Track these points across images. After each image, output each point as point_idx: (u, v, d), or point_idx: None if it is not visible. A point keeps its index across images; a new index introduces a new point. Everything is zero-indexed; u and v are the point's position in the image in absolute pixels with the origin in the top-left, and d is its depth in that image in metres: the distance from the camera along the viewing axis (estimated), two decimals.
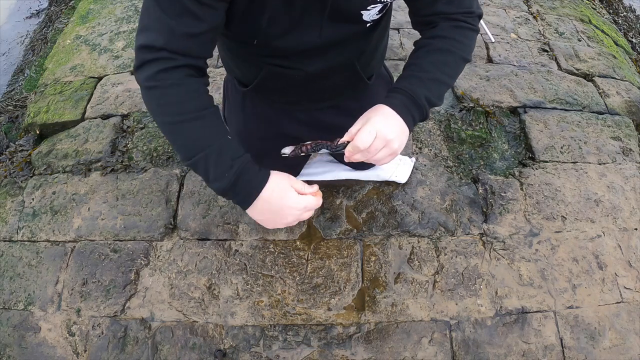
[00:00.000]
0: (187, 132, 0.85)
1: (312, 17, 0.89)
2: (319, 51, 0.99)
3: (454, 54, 0.96)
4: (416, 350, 1.33)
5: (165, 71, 0.81)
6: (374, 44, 1.10)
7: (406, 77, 0.96)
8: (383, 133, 0.89)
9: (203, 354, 1.33)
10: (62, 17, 2.64)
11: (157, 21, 0.80)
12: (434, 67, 0.95)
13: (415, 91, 0.92)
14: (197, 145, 0.84)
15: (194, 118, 0.84)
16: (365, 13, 0.91)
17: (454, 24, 0.96)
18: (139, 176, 1.68)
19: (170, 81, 0.82)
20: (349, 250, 1.49)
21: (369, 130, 0.88)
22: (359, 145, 0.89)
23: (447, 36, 0.96)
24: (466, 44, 0.98)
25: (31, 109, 1.98)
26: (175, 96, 0.83)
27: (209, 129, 0.86)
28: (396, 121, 0.91)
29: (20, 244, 1.55)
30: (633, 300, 1.43)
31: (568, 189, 1.65)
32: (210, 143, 0.84)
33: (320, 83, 1.11)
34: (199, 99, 0.86)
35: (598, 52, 2.25)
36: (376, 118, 0.90)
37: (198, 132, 0.85)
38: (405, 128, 0.92)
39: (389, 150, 0.91)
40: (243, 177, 0.84)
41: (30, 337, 1.37)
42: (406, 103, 0.92)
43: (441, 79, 0.96)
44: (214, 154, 0.84)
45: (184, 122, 0.84)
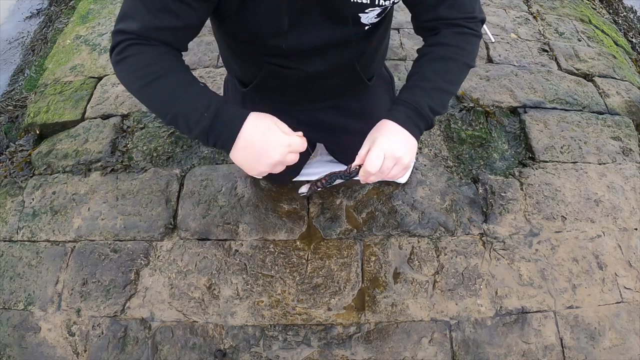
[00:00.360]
0: (160, 88, 0.83)
1: (310, 18, 0.90)
2: (318, 52, 0.99)
3: (457, 61, 0.96)
4: (416, 350, 1.33)
5: (135, 45, 0.83)
6: (374, 45, 1.10)
7: (409, 88, 0.96)
8: (391, 152, 0.89)
9: (203, 354, 1.33)
10: (62, 17, 2.64)
11: (136, 11, 0.82)
12: (437, 75, 0.95)
13: (418, 102, 0.93)
14: (172, 98, 0.83)
15: (165, 74, 0.83)
16: (363, 16, 0.91)
17: (456, 30, 0.96)
18: (139, 176, 1.68)
19: (136, 51, 0.83)
20: (349, 250, 1.49)
21: (376, 154, 0.89)
22: (370, 170, 0.90)
23: (450, 43, 0.96)
24: (469, 50, 0.98)
25: (31, 109, 1.98)
26: (143, 60, 0.83)
27: (181, 81, 0.84)
28: (402, 136, 0.92)
29: (20, 244, 1.55)
30: (633, 300, 1.43)
31: (568, 189, 1.65)
32: (184, 93, 0.83)
33: (320, 83, 1.11)
34: (168, 59, 0.84)
35: (598, 52, 2.25)
36: (381, 138, 0.90)
37: (170, 86, 0.83)
38: (412, 140, 0.93)
39: (400, 167, 0.92)
40: (221, 116, 0.82)
41: (30, 337, 1.37)
42: (410, 115, 0.93)
43: (444, 87, 0.96)
44: (189, 100, 0.82)
45: (155, 79, 0.83)
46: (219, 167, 1.69)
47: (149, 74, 0.82)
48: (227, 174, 1.67)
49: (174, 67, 0.84)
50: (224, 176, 1.66)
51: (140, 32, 0.82)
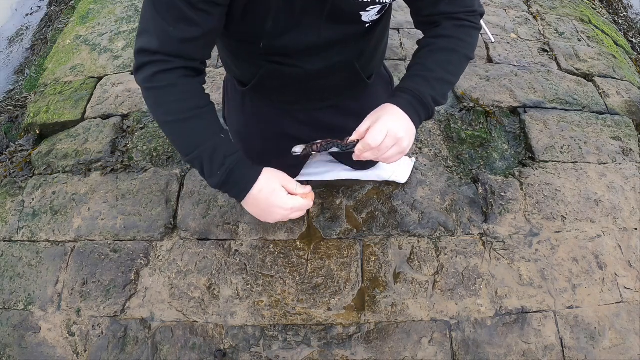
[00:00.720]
0: (182, 131, 0.88)
1: (311, 17, 0.90)
2: (318, 50, 0.99)
3: (458, 53, 0.97)
4: (416, 350, 1.33)
5: (160, 73, 0.84)
6: (373, 44, 1.10)
7: (411, 77, 0.97)
8: (394, 131, 0.90)
9: (203, 354, 1.33)
10: (62, 17, 2.64)
11: (154, 25, 0.83)
12: (438, 66, 0.96)
13: (421, 91, 0.93)
14: (192, 144, 0.88)
15: (189, 117, 0.87)
16: (364, 14, 0.92)
17: (457, 23, 0.97)
18: (139, 176, 1.68)
19: (165, 83, 0.85)
20: (349, 250, 1.49)
21: (380, 129, 0.89)
22: (370, 143, 0.90)
23: (451, 35, 0.97)
24: (469, 42, 0.99)
25: (31, 109, 1.98)
26: (170, 97, 0.86)
27: (203, 128, 0.88)
28: (405, 120, 0.92)
29: (20, 244, 1.55)
30: (633, 300, 1.43)
31: (568, 189, 1.65)
32: (204, 141, 0.87)
33: (319, 82, 1.11)
34: (194, 99, 0.88)
35: (598, 52, 2.25)
36: (386, 117, 0.91)
37: (193, 130, 0.88)
38: (412, 127, 0.94)
39: (398, 149, 0.93)
40: (234, 174, 0.88)
41: (30, 337, 1.37)
42: (413, 102, 0.93)
43: (445, 78, 0.97)
44: (207, 151, 0.87)
45: (179, 121, 0.87)
46: None
47: (174, 112, 0.86)
48: None
49: (196, 109, 0.88)
50: None
51: (162, 49, 0.83)
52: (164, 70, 0.84)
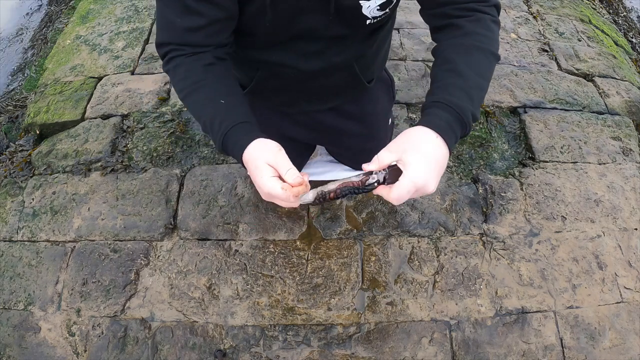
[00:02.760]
0: (191, 103, 0.91)
1: (312, 11, 0.88)
2: (317, 49, 0.98)
3: (484, 51, 0.85)
4: (416, 350, 1.33)
5: (173, 58, 0.90)
6: (374, 48, 1.09)
7: (446, 87, 0.81)
8: (423, 185, 0.74)
9: (203, 354, 1.33)
10: (62, 17, 2.64)
11: (163, 19, 0.89)
12: (470, 69, 0.82)
13: (460, 106, 0.78)
14: (198, 115, 0.91)
15: (190, 92, 0.89)
16: (364, 4, 0.87)
17: (471, 17, 0.87)
18: (139, 176, 1.68)
19: (174, 64, 0.90)
20: (349, 250, 1.49)
21: (407, 190, 0.73)
22: (395, 203, 0.77)
23: (470, 32, 0.85)
24: (491, 37, 0.86)
25: (31, 109, 1.98)
26: (177, 76, 0.90)
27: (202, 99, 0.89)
28: (438, 157, 0.75)
29: (20, 244, 1.55)
30: (633, 300, 1.43)
31: (568, 189, 1.65)
32: (204, 112, 0.89)
33: (317, 83, 1.10)
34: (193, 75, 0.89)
35: (598, 52, 2.25)
36: (415, 165, 0.74)
37: (195, 103, 0.90)
38: (446, 157, 0.77)
39: (422, 193, 0.78)
40: (229, 140, 0.85)
41: (30, 337, 1.37)
42: (451, 122, 0.77)
43: (481, 84, 0.83)
44: (208, 120, 0.88)
45: (187, 95, 0.90)
46: (219, 167, 1.69)
47: (184, 88, 0.90)
48: (227, 174, 1.67)
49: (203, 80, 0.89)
50: (224, 176, 1.66)
51: (174, 39, 0.89)
52: (176, 56, 0.89)
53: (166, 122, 1.84)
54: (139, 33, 2.27)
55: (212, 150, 1.75)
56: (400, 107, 1.88)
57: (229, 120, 0.86)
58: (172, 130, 1.81)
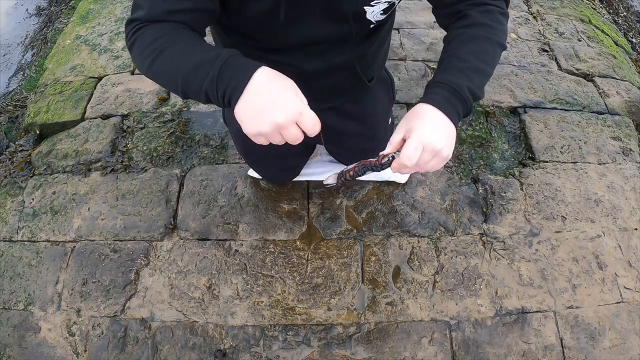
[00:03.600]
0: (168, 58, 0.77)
1: (313, 11, 0.88)
2: (319, 49, 0.98)
3: (490, 40, 0.89)
4: (416, 350, 1.33)
5: (143, 26, 0.80)
6: (375, 47, 1.09)
7: (445, 70, 0.87)
8: (431, 145, 0.79)
9: (203, 354, 1.33)
10: (62, 17, 2.64)
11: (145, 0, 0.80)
12: (473, 56, 0.87)
13: (457, 83, 0.83)
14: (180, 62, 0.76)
15: (171, 44, 0.77)
16: (368, 10, 0.89)
17: (482, 8, 0.90)
18: (139, 176, 1.68)
19: (145, 29, 0.80)
20: (349, 250, 1.49)
21: (415, 146, 0.78)
22: (406, 162, 0.79)
23: (479, 22, 0.89)
24: (499, 28, 0.91)
25: (31, 109, 1.98)
26: (150, 36, 0.79)
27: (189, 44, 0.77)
28: (443, 124, 0.81)
29: (20, 244, 1.55)
30: (633, 300, 1.43)
31: (568, 189, 1.65)
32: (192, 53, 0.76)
33: (318, 82, 1.10)
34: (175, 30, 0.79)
35: (598, 52, 2.25)
36: (421, 128, 0.80)
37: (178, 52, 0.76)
38: (452, 128, 0.83)
39: (439, 160, 0.82)
40: (232, 63, 0.73)
41: (30, 337, 1.37)
42: (449, 98, 0.83)
43: (481, 68, 0.88)
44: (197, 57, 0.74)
45: (162, 52, 0.77)
46: (219, 167, 1.69)
47: (156, 47, 0.77)
48: (227, 174, 1.67)
49: (179, 35, 0.78)
50: (224, 176, 1.66)
51: (151, 17, 0.79)
52: (147, 25, 0.80)
53: (166, 122, 1.84)
54: None
55: (212, 150, 1.75)
56: (400, 107, 1.88)
57: (228, 51, 0.75)
58: (172, 130, 1.81)
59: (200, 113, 1.87)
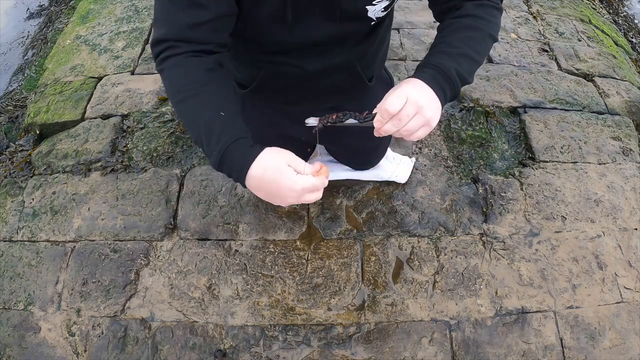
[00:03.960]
0: (183, 110, 0.85)
1: (316, 12, 0.89)
2: (319, 50, 0.99)
3: (481, 31, 0.93)
4: (416, 350, 1.33)
5: (170, 57, 0.84)
6: (375, 46, 1.10)
7: (434, 54, 0.91)
8: (414, 98, 0.82)
9: (203, 354, 1.33)
10: (62, 17, 2.64)
11: (165, 14, 0.84)
12: (462, 42, 0.90)
13: (444, 64, 0.87)
14: (192, 123, 0.83)
15: (187, 96, 0.83)
16: (370, 9, 0.90)
17: (477, 2, 0.94)
18: (139, 176, 1.68)
19: (171, 63, 0.84)
20: (349, 250, 1.49)
21: (398, 94, 0.82)
22: (389, 108, 0.81)
23: (472, 14, 0.93)
24: (492, 21, 0.95)
25: (31, 109, 1.98)
26: (173, 77, 0.85)
27: (200, 105, 0.83)
28: (428, 91, 0.84)
29: (20, 244, 1.55)
30: (633, 300, 1.43)
31: (568, 189, 1.65)
32: (200, 119, 0.83)
33: (319, 82, 1.11)
34: (193, 77, 0.84)
35: (598, 52, 2.25)
36: (406, 85, 0.84)
37: (190, 109, 0.84)
38: (437, 100, 0.85)
39: (421, 119, 0.83)
40: (230, 154, 0.80)
41: (30, 337, 1.37)
42: (436, 77, 0.86)
43: (470, 54, 0.91)
44: (203, 129, 0.82)
45: (180, 101, 0.84)
46: None
47: (182, 89, 0.84)
48: None
49: (194, 85, 0.84)
50: (224, 176, 1.65)
51: (175, 36, 0.83)
52: (172, 55, 0.84)
53: (166, 122, 1.84)
54: (139, 33, 2.27)
55: None
56: None
57: (229, 135, 0.81)
58: (172, 130, 1.81)
59: None
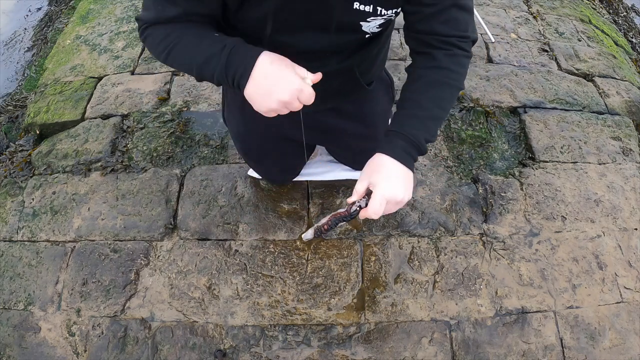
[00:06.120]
0: (180, 54, 0.88)
1: (310, 23, 0.89)
2: (317, 57, 0.99)
3: (451, 86, 0.98)
4: (416, 350, 1.33)
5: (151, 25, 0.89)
6: (374, 53, 1.10)
7: (406, 117, 0.97)
8: (393, 197, 0.92)
9: (203, 354, 1.33)
10: (62, 17, 2.64)
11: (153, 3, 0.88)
12: (432, 103, 0.97)
13: (415, 135, 0.94)
14: (192, 57, 0.87)
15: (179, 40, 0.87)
16: (364, 25, 0.91)
17: (448, 52, 0.96)
18: (139, 176, 1.68)
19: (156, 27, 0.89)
20: (349, 250, 1.49)
21: (379, 202, 0.91)
22: (372, 215, 0.92)
23: (443, 66, 0.96)
24: (461, 72, 0.99)
25: (31, 109, 1.98)
26: (159, 34, 0.88)
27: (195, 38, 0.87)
28: (402, 175, 0.93)
29: (20, 244, 1.55)
30: (633, 300, 1.43)
31: (568, 189, 1.65)
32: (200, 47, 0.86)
33: (318, 86, 1.10)
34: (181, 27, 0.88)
35: (598, 52, 2.25)
36: (382, 183, 0.92)
37: (187, 47, 0.87)
38: (409, 174, 0.95)
39: (400, 205, 0.95)
40: (237, 51, 0.84)
41: (30, 337, 1.37)
42: (407, 149, 0.94)
43: (438, 115, 0.98)
44: (206, 51, 0.85)
45: (173, 48, 0.87)
46: (219, 167, 1.69)
47: (167, 44, 0.87)
48: (227, 174, 1.67)
49: (187, 30, 0.87)
50: (224, 176, 1.66)
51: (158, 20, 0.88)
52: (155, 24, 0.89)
53: (166, 122, 1.84)
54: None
55: (212, 150, 1.75)
56: None
57: (232, 41, 0.85)
58: (172, 130, 1.81)
59: (200, 113, 1.87)
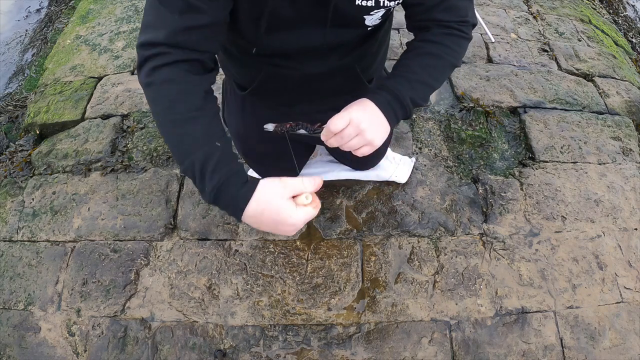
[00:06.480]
0: (175, 135, 0.79)
1: (313, 20, 0.89)
2: (319, 54, 0.99)
3: (443, 59, 0.98)
4: (416, 350, 1.33)
5: (160, 67, 0.79)
6: (375, 48, 1.10)
7: (394, 77, 0.97)
8: (356, 121, 0.89)
9: (203, 354, 1.33)
10: (62, 17, 2.64)
11: (158, 17, 0.79)
12: (422, 69, 0.96)
13: (400, 90, 0.93)
14: (185, 151, 0.79)
15: (182, 120, 0.79)
16: (368, 18, 0.92)
17: (447, 31, 0.97)
18: (139, 176, 1.68)
19: (163, 78, 0.79)
20: (349, 250, 1.49)
21: (342, 116, 0.89)
22: (331, 127, 0.89)
23: (439, 41, 0.97)
24: (457, 50, 0.99)
25: (31, 109, 1.98)
26: (166, 95, 0.79)
27: (196, 133, 0.79)
28: (375, 114, 0.91)
29: (20, 244, 1.55)
30: (633, 300, 1.43)
31: (568, 189, 1.65)
32: (196, 150, 0.78)
33: (319, 84, 1.11)
34: (191, 100, 0.80)
35: (598, 52, 2.25)
36: (354, 107, 0.91)
37: (185, 136, 0.79)
38: (385, 123, 0.92)
39: (362, 140, 0.90)
40: (224, 193, 0.76)
41: (30, 337, 1.37)
42: (390, 101, 0.93)
43: (428, 81, 0.97)
44: (198, 163, 0.77)
45: (172, 123, 0.79)
46: None
47: (169, 113, 0.79)
48: None
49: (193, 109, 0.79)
50: None
51: (168, 40, 0.78)
52: (165, 64, 0.78)
53: None
54: (139, 33, 2.27)
55: None
56: None
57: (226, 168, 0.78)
58: None
59: None
